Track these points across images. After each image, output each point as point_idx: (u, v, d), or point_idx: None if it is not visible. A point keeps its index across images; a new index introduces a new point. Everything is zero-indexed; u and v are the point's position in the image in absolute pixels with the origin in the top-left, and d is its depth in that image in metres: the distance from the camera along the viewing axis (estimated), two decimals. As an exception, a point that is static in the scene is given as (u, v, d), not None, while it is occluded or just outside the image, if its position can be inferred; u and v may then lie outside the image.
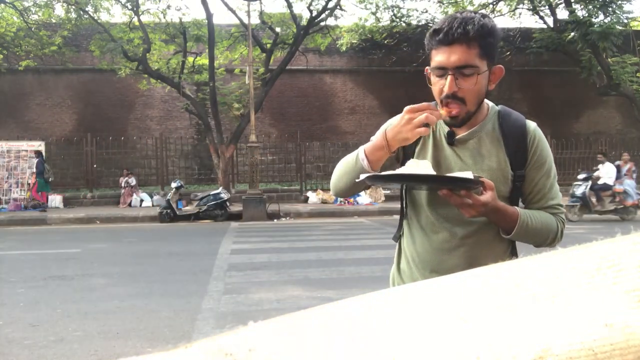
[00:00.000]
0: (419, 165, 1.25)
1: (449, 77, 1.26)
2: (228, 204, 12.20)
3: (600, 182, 11.22)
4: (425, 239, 1.43)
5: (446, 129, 1.40)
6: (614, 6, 15.06)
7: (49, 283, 5.65)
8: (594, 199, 11.09)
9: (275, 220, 11.98)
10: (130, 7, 14.60)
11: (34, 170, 13.53)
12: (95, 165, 15.73)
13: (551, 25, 16.82)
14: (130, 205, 14.10)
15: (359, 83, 18.83)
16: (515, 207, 1.35)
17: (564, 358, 0.31)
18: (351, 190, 1.43)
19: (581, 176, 11.57)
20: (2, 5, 15.29)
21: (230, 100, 15.39)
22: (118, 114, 17.66)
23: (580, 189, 11.06)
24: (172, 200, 11.90)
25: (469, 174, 1.19)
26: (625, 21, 15.53)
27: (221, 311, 4.47)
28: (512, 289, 0.38)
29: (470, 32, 1.23)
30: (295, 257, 6.83)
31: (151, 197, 14.52)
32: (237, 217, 12.06)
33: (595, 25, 14.50)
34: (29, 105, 17.28)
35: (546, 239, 1.38)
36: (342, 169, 1.42)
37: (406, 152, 1.43)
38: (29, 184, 13.98)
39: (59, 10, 15.80)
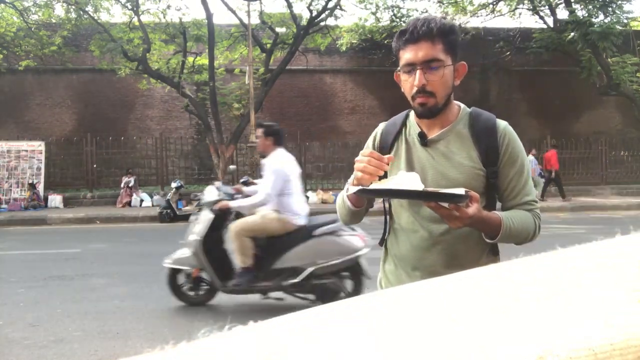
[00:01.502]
0: (408, 178, 1.28)
1: (418, 71, 1.35)
2: (228, 204, 12.17)
3: None
4: (406, 238, 1.49)
5: (418, 130, 1.48)
6: (614, 6, 15.05)
7: (49, 283, 5.65)
8: None
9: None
10: (130, 7, 14.59)
11: None
12: (95, 165, 15.72)
13: (551, 25, 16.81)
14: (130, 205, 14.09)
15: (359, 83, 18.83)
16: (497, 212, 1.39)
17: (565, 358, 0.31)
18: (355, 218, 1.59)
19: None
20: (2, 5, 15.28)
21: (230, 100, 15.38)
22: (118, 114, 17.66)
23: None
24: (172, 200, 11.90)
25: (460, 190, 1.22)
26: (625, 21, 15.51)
27: (221, 311, 4.47)
28: (512, 289, 0.38)
29: (433, 30, 1.34)
30: (295, 257, 6.82)
31: (151, 197, 14.51)
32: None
33: (595, 25, 14.48)
34: (29, 105, 17.27)
35: (526, 237, 1.43)
36: (338, 205, 1.60)
37: None
38: (29, 184, 13.98)
39: (59, 10, 15.80)
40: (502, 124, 1.46)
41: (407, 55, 1.37)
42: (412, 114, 1.53)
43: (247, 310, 4.49)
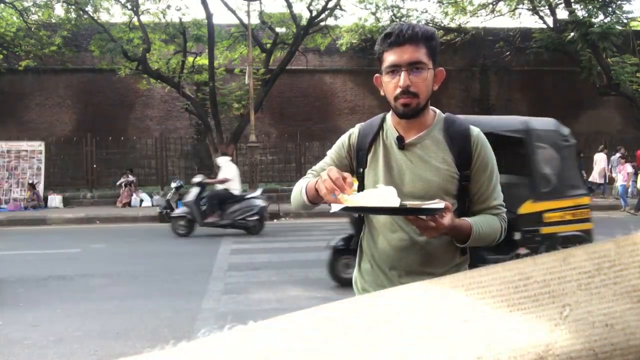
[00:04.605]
0: (386, 192, 1.32)
1: (403, 73, 1.40)
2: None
3: None
4: (384, 239, 1.54)
5: (395, 134, 1.52)
6: (614, 6, 15.05)
7: (49, 283, 5.65)
8: None
9: (275, 220, 11.98)
10: (130, 7, 14.59)
11: None
12: (95, 165, 15.71)
13: (551, 25, 16.80)
14: (130, 205, 14.09)
15: (359, 83, 18.82)
16: (467, 218, 1.45)
17: (565, 358, 0.31)
18: (306, 209, 1.60)
19: None
20: (2, 5, 15.28)
21: (230, 100, 15.38)
22: (118, 114, 17.65)
23: None
24: (172, 200, 11.87)
25: (439, 205, 1.28)
26: (625, 21, 15.50)
27: (221, 311, 4.47)
28: (513, 289, 0.38)
29: (418, 34, 1.41)
30: (295, 257, 6.83)
31: (151, 197, 14.50)
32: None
33: (595, 26, 14.48)
34: (28, 105, 17.26)
35: (493, 240, 1.51)
36: (295, 194, 1.59)
37: (359, 160, 1.58)
38: (29, 184, 13.99)
39: (59, 10, 15.80)
40: (475, 130, 1.53)
41: (391, 57, 1.42)
42: (388, 117, 1.57)
43: (247, 310, 4.49)
